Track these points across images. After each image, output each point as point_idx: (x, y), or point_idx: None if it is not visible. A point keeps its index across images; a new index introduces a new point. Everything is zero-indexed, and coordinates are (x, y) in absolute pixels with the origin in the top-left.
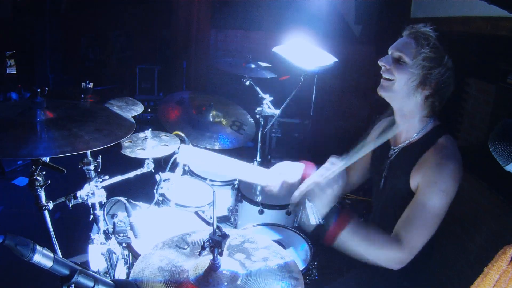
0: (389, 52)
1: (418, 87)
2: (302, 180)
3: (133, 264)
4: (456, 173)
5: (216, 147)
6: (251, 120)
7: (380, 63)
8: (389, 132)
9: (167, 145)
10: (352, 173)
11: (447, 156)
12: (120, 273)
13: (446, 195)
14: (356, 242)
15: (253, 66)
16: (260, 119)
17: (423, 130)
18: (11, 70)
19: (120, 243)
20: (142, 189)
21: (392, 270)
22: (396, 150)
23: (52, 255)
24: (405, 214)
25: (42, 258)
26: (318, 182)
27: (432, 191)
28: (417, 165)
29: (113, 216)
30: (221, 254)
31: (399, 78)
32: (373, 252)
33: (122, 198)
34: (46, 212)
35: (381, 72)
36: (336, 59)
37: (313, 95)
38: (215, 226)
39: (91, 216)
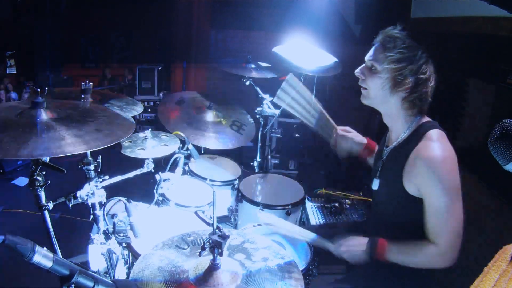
0: (365, 61)
1: (392, 90)
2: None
3: (133, 264)
4: (448, 164)
5: (216, 147)
6: (251, 120)
7: (356, 74)
8: (386, 133)
9: (167, 145)
10: None
11: (434, 153)
12: (120, 273)
13: (450, 188)
14: (401, 260)
15: (253, 66)
16: (260, 119)
17: (409, 129)
18: (11, 70)
19: (120, 243)
20: (142, 189)
21: (391, 271)
22: (388, 150)
23: (52, 255)
24: (429, 220)
25: (42, 258)
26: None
27: (437, 193)
28: (407, 166)
29: (113, 216)
30: (221, 254)
31: (371, 85)
32: (418, 262)
33: (122, 198)
34: (46, 212)
35: (358, 82)
36: (336, 59)
37: (313, 95)
38: (215, 226)
39: (91, 216)
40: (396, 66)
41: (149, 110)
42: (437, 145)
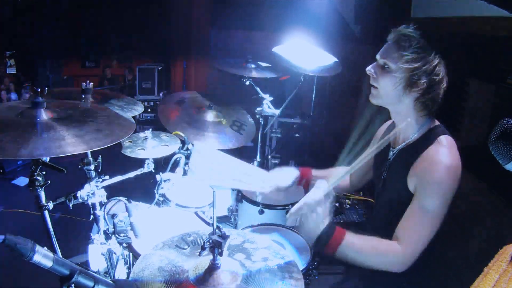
0: (377, 59)
1: (405, 90)
2: (299, 183)
3: (133, 264)
4: (451, 173)
5: (216, 147)
6: (251, 120)
7: (368, 72)
8: (390, 133)
9: (167, 145)
10: (354, 176)
11: (442, 157)
12: (120, 273)
13: (442, 195)
14: (355, 252)
15: (253, 66)
16: (260, 119)
17: (420, 131)
18: (11, 70)
19: (120, 243)
20: (143, 189)
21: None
22: (395, 151)
23: (52, 255)
24: (404, 217)
25: (42, 258)
26: (307, 203)
27: (428, 193)
28: (413, 167)
29: (113, 216)
30: (221, 254)
31: (384, 84)
32: (373, 258)
33: (122, 198)
34: (46, 212)
35: (370, 81)
36: (336, 59)
37: (313, 95)
38: (215, 226)
39: (91, 216)
40: (411, 66)
41: (149, 110)
42: (447, 151)
